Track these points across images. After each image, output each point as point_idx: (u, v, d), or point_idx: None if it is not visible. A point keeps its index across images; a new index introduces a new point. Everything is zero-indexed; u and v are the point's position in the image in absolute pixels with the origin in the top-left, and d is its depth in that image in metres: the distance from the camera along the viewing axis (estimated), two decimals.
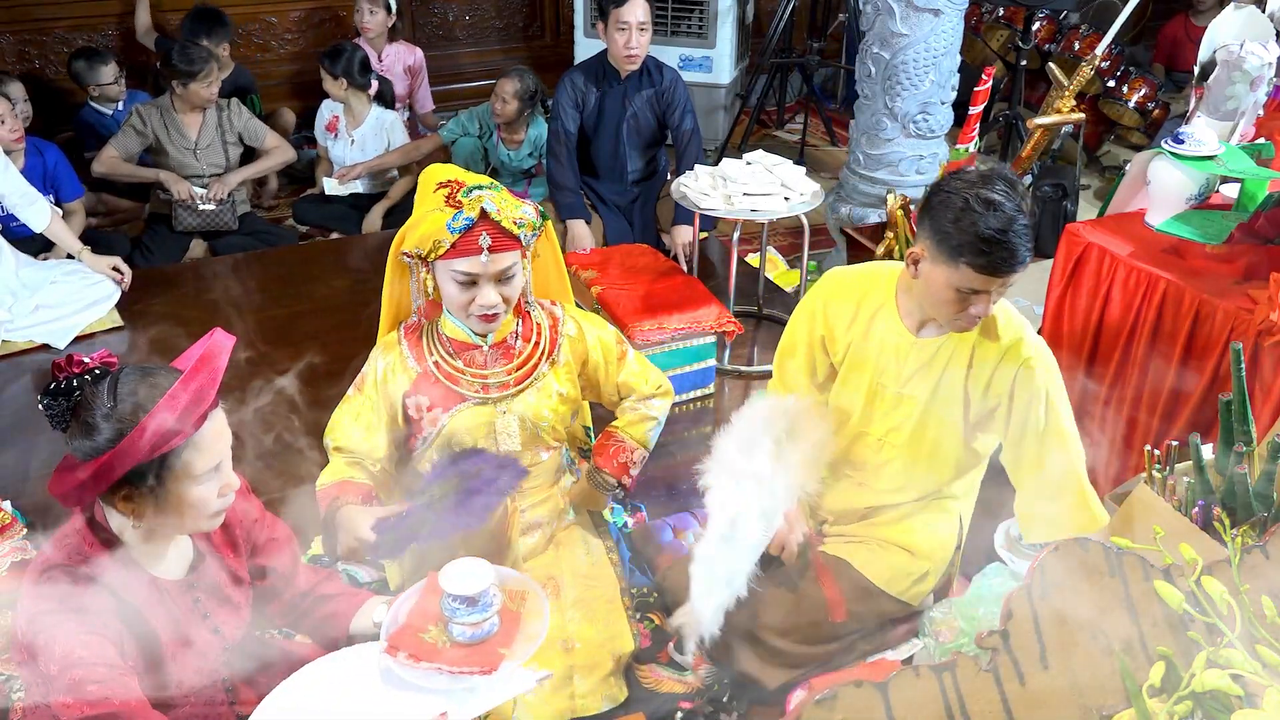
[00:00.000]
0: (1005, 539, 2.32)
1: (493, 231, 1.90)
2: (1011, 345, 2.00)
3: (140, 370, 1.46)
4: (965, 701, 1.32)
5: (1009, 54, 5.23)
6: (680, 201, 3.47)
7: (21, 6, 4.94)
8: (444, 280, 1.96)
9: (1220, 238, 2.63)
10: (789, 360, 2.26)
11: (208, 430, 1.47)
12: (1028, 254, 1.84)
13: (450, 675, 1.59)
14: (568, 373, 2.15)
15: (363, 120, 4.53)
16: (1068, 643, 1.37)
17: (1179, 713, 1.34)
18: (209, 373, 1.45)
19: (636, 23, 3.81)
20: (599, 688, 2.05)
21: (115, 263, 3.70)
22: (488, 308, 1.95)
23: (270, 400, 3.37)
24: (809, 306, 2.20)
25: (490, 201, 1.89)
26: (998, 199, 1.82)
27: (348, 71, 4.41)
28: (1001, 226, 1.80)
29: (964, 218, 1.82)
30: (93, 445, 1.40)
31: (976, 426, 2.09)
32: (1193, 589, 1.42)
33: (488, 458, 1.99)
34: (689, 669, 2.22)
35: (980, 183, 1.85)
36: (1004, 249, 1.81)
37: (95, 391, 1.42)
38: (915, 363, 2.06)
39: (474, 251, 1.90)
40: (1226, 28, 3.07)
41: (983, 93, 3.52)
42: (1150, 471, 1.82)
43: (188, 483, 1.46)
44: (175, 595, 1.56)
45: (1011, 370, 1.99)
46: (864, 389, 2.13)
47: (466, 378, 2.05)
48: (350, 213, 4.60)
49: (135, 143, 4.25)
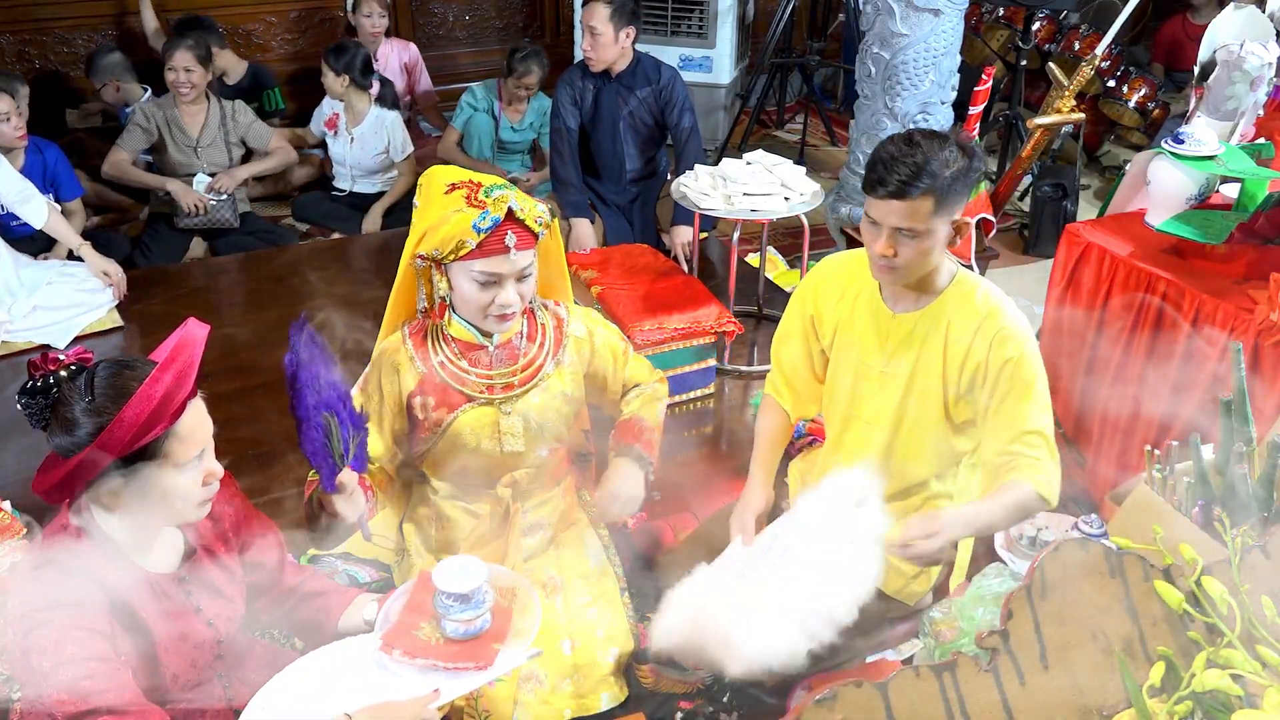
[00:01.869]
0: (1005, 539, 2.32)
1: (517, 230, 1.90)
2: (987, 316, 2.02)
3: (116, 363, 1.46)
4: (965, 701, 1.32)
5: (1009, 54, 5.23)
6: (680, 201, 3.47)
7: (22, 6, 4.95)
8: (462, 282, 1.95)
9: (1220, 238, 2.63)
10: (784, 347, 2.30)
11: (188, 419, 1.46)
12: (914, 190, 1.88)
13: (446, 671, 1.61)
14: (573, 373, 2.14)
15: (363, 119, 4.54)
16: (1068, 643, 1.38)
17: (1179, 713, 1.34)
18: (184, 361, 1.44)
19: (588, 25, 3.81)
20: (599, 687, 2.05)
21: (108, 267, 3.69)
22: (507, 306, 1.95)
23: (270, 400, 3.39)
24: (801, 290, 2.26)
25: (515, 200, 1.90)
26: (917, 137, 1.90)
27: (350, 69, 4.42)
28: (893, 153, 1.89)
29: (881, 144, 1.94)
30: (74, 441, 1.40)
31: (957, 406, 2.09)
32: (1193, 589, 1.42)
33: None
34: (689, 669, 2.22)
35: (923, 131, 1.95)
36: (884, 169, 1.88)
37: (72, 387, 1.42)
38: (895, 339, 2.09)
39: (500, 251, 1.89)
40: (1226, 28, 3.07)
41: (983, 93, 3.52)
42: (1150, 471, 1.82)
43: (171, 472, 1.46)
44: (167, 588, 1.56)
45: (987, 340, 2.01)
46: (851, 369, 2.16)
47: (472, 378, 2.04)
48: (351, 212, 4.60)
49: (141, 140, 4.26)
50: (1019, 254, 4.42)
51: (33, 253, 3.80)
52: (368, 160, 4.59)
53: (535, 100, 4.67)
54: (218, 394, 3.17)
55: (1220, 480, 1.74)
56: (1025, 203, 4.62)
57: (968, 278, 2.06)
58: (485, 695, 1.95)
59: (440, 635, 1.66)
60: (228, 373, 3.35)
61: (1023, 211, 4.65)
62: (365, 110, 4.52)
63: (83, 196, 4.15)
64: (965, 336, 2.03)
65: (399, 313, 2.14)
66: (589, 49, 3.86)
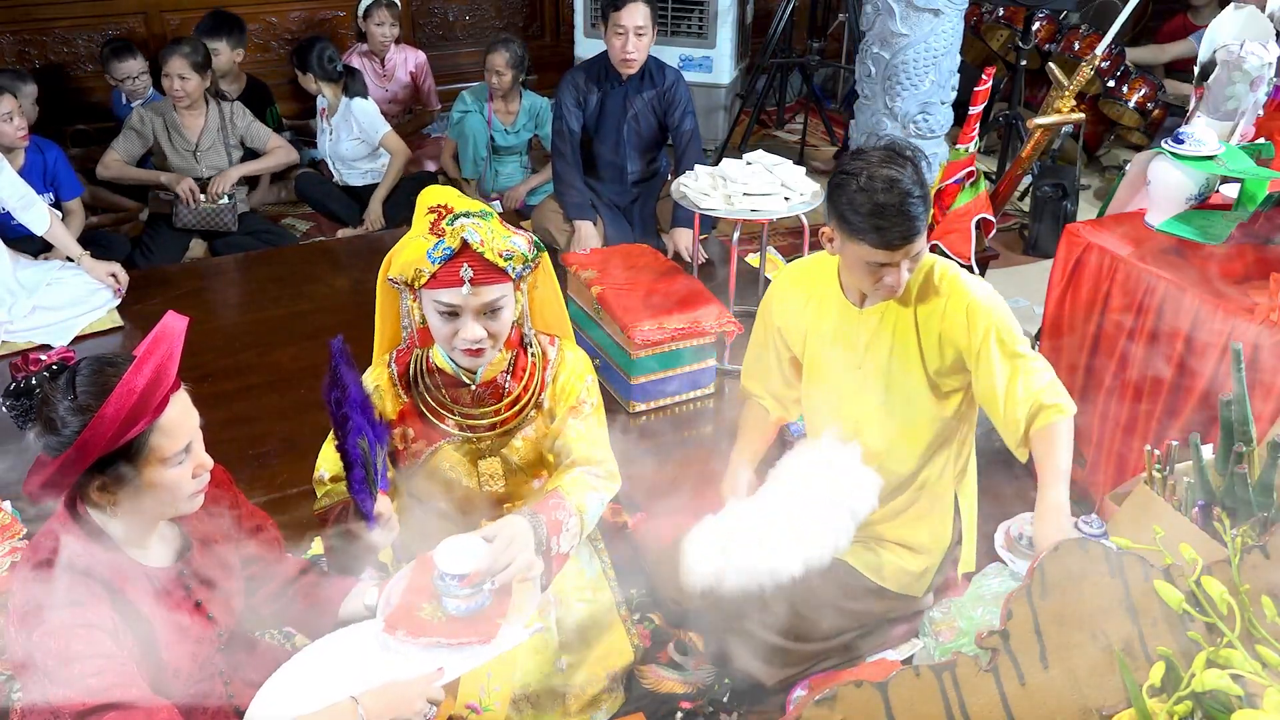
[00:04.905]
0: (1005, 539, 2.32)
1: (475, 263, 1.78)
2: (952, 294, 2.05)
3: (98, 360, 1.46)
4: (965, 701, 1.32)
5: (1009, 54, 5.23)
6: (680, 201, 3.47)
7: (21, 6, 4.94)
8: (429, 310, 1.86)
9: (1220, 238, 2.63)
10: (754, 359, 2.34)
11: (172, 412, 1.46)
12: (922, 225, 1.91)
13: (450, 647, 1.64)
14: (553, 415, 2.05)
15: (337, 110, 4.58)
16: (1068, 643, 1.38)
17: (1179, 713, 1.34)
18: (164, 354, 1.44)
19: (634, 27, 3.80)
20: (597, 700, 2.05)
21: (113, 269, 3.69)
22: (471, 342, 1.83)
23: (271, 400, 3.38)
24: (764, 303, 2.29)
25: (474, 232, 1.78)
26: (890, 174, 1.88)
27: (312, 65, 4.47)
28: (891, 202, 1.87)
29: (858, 197, 1.89)
30: (60, 440, 1.41)
31: (940, 379, 2.12)
32: (1193, 589, 1.42)
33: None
34: (689, 669, 2.23)
35: (877, 161, 1.91)
36: (896, 224, 1.88)
37: (55, 387, 1.42)
38: (866, 333, 2.11)
39: (455, 284, 1.79)
40: (1226, 28, 3.07)
41: (983, 93, 3.51)
42: (1150, 471, 1.82)
43: (159, 467, 1.46)
44: (165, 583, 1.56)
45: (959, 320, 2.03)
46: (829, 369, 2.18)
47: (453, 416, 1.96)
48: (351, 203, 4.64)
49: (136, 144, 4.26)
50: (1019, 254, 4.42)
51: (32, 253, 3.80)
52: (343, 149, 4.61)
53: (526, 99, 4.66)
54: (218, 394, 3.21)
55: (1220, 480, 1.74)
56: (1025, 203, 4.62)
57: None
58: (480, 718, 1.94)
59: (442, 614, 1.69)
60: (228, 373, 3.35)
61: (1023, 211, 4.65)
62: (338, 102, 4.57)
63: (82, 199, 4.14)
64: (934, 317, 2.06)
65: (385, 332, 2.07)
66: (632, 51, 3.85)
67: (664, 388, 3.28)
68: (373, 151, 4.65)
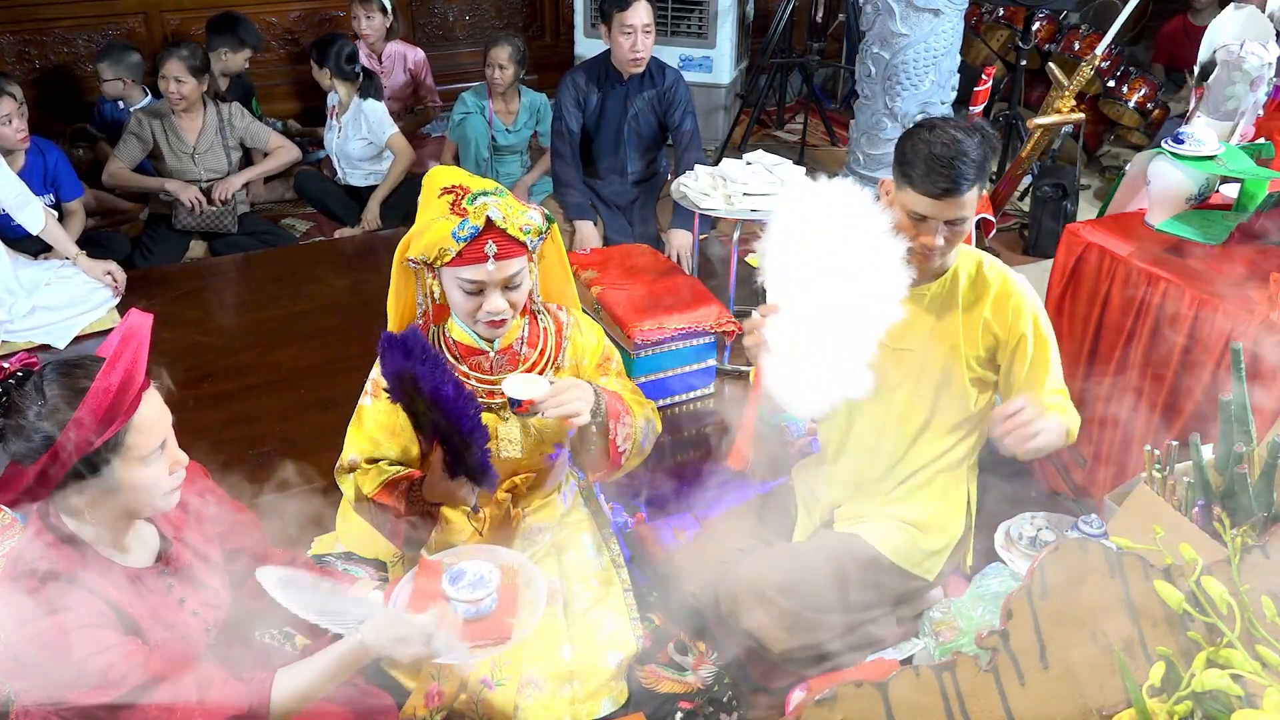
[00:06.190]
0: (1005, 539, 2.32)
1: (498, 239, 1.86)
2: (1000, 285, 2.12)
3: (64, 364, 1.44)
4: (965, 701, 1.32)
5: (1009, 54, 5.23)
6: (680, 201, 3.47)
7: (21, 6, 4.94)
8: (451, 287, 1.94)
9: (1220, 238, 2.63)
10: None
11: (145, 410, 1.45)
12: (967, 188, 1.96)
13: (469, 651, 1.71)
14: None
15: (348, 109, 4.58)
16: (1068, 643, 1.38)
17: (1179, 713, 1.34)
18: (133, 353, 1.43)
19: (641, 25, 3.81)
20: (600, 692, 2.05)
21: (110, 267, 3.70)
22: (495, 314, 1.93)
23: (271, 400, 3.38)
24: None
25: (496, 209, 1.86)
26: (956, 135, 1.96)
27: (330, 61, 4.47)
28: (946, 155, 1.94)
29: (920, 145, 1.97)
30: (31, 447, 1.38)
31: (974, 367, 2.16)
32: (1193, 589, 1.42)
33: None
34: (689, 669, 2.23)
35: (951, 124, 2.00)
36: (942, 174, 1.94)
37: (22, 394, 1.40)
38: (912, 310, 2.10)
39: (480, 260, 1.87)
40: (1226, 28, 3.07)
41: (983, 93, 3.52)
42: (1150, 471, 1.82)
43: (136, 466, 1.45)
44: (148, 582, 1.56)
45: (1003, 314, 2.11)
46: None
47: (471, 383, 2.02)
48: (349, 199, 4.64)
49: (137, 149, 4.27)
50: (1019, 254, 4.42)
51: (32, 253, 3.80)
52: (350, 148, 4.61)
53: (526, 97, 4.66)
54: (218, 394, 3.22)
55: (1220, 480, 1.74)
56: (1025, 203, 4.62)
57: (968, 249, 2.17)
58: (485, 701, 1.95)
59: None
60: (228, 373, 3.35)
61: (1023, 211, 4.65)
62: (350, 101, 4.57)
63: (82, 200, 4.14)
64: (980, 306, 2.12)
65: (399, 313, 2.13)
66: (641, 50, 3.86)
67: (664, 388, 3.28)
68: (378, 154, 4.65)
